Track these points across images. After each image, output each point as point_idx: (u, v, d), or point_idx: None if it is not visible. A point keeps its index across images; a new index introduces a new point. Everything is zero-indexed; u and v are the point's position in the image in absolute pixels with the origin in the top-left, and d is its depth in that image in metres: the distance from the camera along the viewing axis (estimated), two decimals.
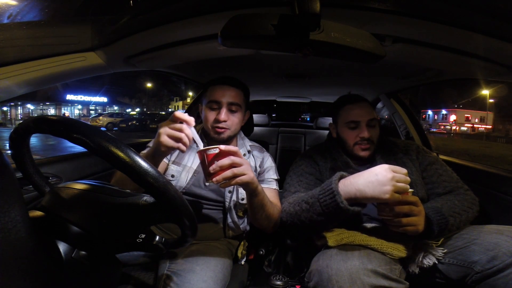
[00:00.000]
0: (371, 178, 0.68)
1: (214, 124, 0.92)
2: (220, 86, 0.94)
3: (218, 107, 0.93)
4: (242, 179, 0.69)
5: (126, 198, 0.51)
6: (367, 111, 0.99)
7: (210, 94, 0.94)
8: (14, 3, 0.73)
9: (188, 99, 40.05)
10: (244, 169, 0.69)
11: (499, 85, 27.36)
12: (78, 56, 0.83)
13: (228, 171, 0.67)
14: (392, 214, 0.72)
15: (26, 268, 0.33)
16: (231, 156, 0.68)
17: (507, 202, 1.04)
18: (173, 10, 0.74)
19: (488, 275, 0.69)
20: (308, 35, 0.57)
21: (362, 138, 0.97)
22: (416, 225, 0.72)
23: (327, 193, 0.72)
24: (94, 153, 0.41)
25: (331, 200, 0.71)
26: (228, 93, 0.92)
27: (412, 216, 0.71)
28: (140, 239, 0.52)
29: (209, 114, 0.93)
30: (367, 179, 0.68)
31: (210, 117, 0.93)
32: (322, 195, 0.74)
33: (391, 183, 0.65)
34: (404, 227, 0.72)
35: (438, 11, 0.68)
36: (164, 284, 0.74)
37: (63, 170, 1.07)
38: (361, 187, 0.68)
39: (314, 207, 0.75)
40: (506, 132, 37.37)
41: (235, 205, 0.97)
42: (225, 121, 0.91)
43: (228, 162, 0.67)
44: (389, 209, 0.72)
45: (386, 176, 0.66)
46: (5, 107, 24.57)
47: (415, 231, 0.73)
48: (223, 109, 0.91)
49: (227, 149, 0.67)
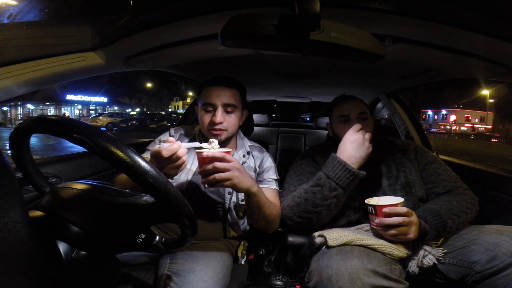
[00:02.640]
0: (350, 144, 0.85)
1: (210, 126, 0.91)
2: (214, 87, 0.92)
3: (213, 109, 0.92)
4: (225, 184, 0.72)
5: (126, 198, 0.51)
6: (357, 106, 1.02)
7: (204, 96, 0.93)
8: (14, 3, 0.73)
9: (188, 99, 40.00)
10: (228, 175, 0.71)
11: (499, 85, 27.34)
12: (78, 56, 0.83)
13: (210, 176, 0.71)
14: (379, 225, 0.75)
15: (26, 268, 0.33)
16: (215, 162, 0.70)
17: (507, 202, 1.04)
18: (173, 10, 0.74)
19: (488, 275, 0.69)
20: (308, 35, 0.57)
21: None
22: (407, 234, 0.74)
23: (335, 167, 0.84)
24: (94, 153, 0.41)
25: (342, 171, 0.82)
26: (222, 94, 0.91)
27: (402, 226, 0.73)
28: (140, 239, 0.52)
29: (205, 116, 0.92)
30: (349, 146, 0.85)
31: (206, 120, 0.92)
32: (331, 171, 0.84)
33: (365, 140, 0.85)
34: (396, 236, 0.74)
35: (438, 11, 0.67)
36: (164, 284, 0.74)
37: (63, 170, 1.07)
38: (353, 153, 0.84)
39: (327, 185, 0.83)
40: (506, 132, 37.37)
41: (235, 206, 0.97)
42: (221, 123, 0.90)
43: (211, 167, 0.70)
44: (379, 220, 0.75)
45: (359, 137, 0.85)
46: (5, 107, 24.55)
47: (407, 239, 0.75)
48: (218, 111, 0.90)
49: (211, 155, 0.70)
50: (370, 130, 1.00)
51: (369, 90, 1.91)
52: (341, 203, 0.86)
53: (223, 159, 0.71)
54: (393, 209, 0.74)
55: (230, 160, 0.72)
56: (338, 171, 0.82)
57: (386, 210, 0.74)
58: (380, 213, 0.75)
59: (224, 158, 0.71)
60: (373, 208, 0.78)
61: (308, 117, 9.15)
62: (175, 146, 0.67)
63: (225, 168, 0.71)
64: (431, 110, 45.98)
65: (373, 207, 0.77)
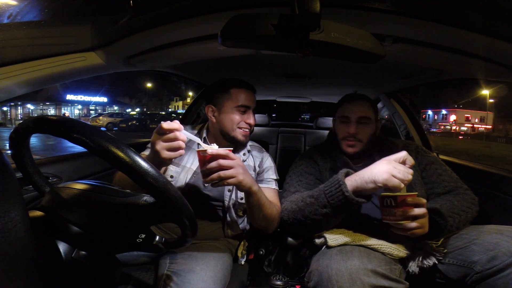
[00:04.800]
0: (373, 167, 0.73)
1: (243, 125, 0.98)
2: (246, 90, 1.00)
3: (244, 111, 0.99)
4: (229, 182, 0.72)
5: (126, 198, 0.51)
6: (361, 109, 1.00)
7: (236, 98, 0.97)
8: (14, 3, 0.73)
9: (188, 99, 40.02)
10: (232, 172, 0.71)
11: (499, 85, 27.36)
12: (78, 56, 0.83)
13: (215, 174, 0.70)
14: (401, 217, 0.70)
15: (26, 268, 0.33)
16: (220, 159, 0.70)
17: (507, 202, 1.04)
18: (173, 10, 0.74)
19: (488, 275, 0.69)
20: (308, 35, 0.57)
21: (349, 134, 0.99)
22: (424, 227, 0.72)
23: (332, 184, 0.76)
24: (94, 153, 0.41)
25: (336, 190, 0.73)
26: (252, 98, 1.02)
27: (420, 218, 0.71)
28: (140, 239, 0.52)
29: (237, 116, 0.97)
30: (369, 169, 0.74)
31: (237, 119, 0.97)
32: (327, 187, 0.77)
33: (390, 168, 0.70)
34: (413, 230, 0.71)
35: (438, 11, 0.67)
36: (164, 284, 0.74)
37: (63, 170, 1.07)
38: (364, 174, 0.73)
39: (319, 200, 0.77)
40: (506, 132, 37.35)
41: (234, 204, 0.97)
42: (251, 124, 1.00)
43: (215, 165, 0.69)
44: (401, 211, 0.70)
45: (386, 164, 0.72)
46: (5, 107, 24.54)
47: (422, 233, 0.72)
48: (250, 113, 1.00)
49: (216, 153, 0.70)
50: (367, 136, 0.99)
51: (369, 90, 1.91)
52: (332, 223, 0.83)
53: (227, 157, 0.71)
54: (416, 199, 0.70)
55: (234, 158, 0.72)
56: (334, 188, 0.75)
57: (410, 199, 0.69)
58: (403, 203, 0.69)
59: (228, 156, 0.71)
60: (393, 199, 0.71)
61: (307, 117, 9.13)
62: (176, 125, 0.68)
63: (230, 166, 0.70)
64: (431, 110, 46.01)
65: (394, 199, 0.70)
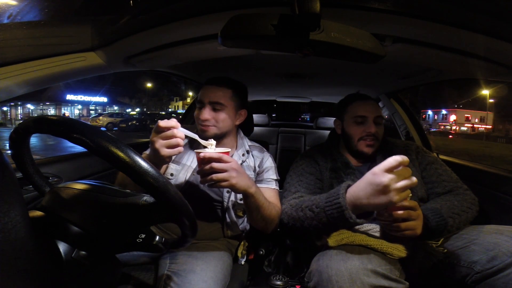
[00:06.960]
0: (369, 188, 0.65)
1: (199, 122, 0.97)
2: (206, 86, 0.98)
3: (201, 106, 0.97)
4: (222, 185, 0.72)
5: (126, 198, 0.51)
6: (375, 109, 1.01)
7: (199, 95, 1.00)
8: (14, 3, 0.73)
9: (188, 99, 40.02)
10: (225, 176, 0.71)
11: (499, 85, 27.33)
12: (78, 56, 0.83)
13: (208, 177, 0.71)
14: (390, 219, 0.72)
15: (26, 268, 0.33)
16: (213, 162, 0.70)
17: (507, 202, 1.04)
18: (173, 10, 0.74)
19: (488, 275, 0.69)
20: (308, 35, 0.57)
21: (368, 133, 0.99)
22: (414, 229, 0.73)
23: (334, 206, 0.72)
24: (94, 153, 0.41)
25: (338, 214, 0.71)
26: (211, 92, 0.96)
27: (410, 220, 0.72)
28: (140, 239, 0.52)
29: (196, 113, 0.99)
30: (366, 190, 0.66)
31: (197, 116, 0.98)
32: (328, 207, 0.73)
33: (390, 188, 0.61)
34: (402, 232, 0.72)
35: (438, 11, 0.67)
36: (164, 284, 0.74)
37: (63, 170, 1.07)
38: (364, 201, 0.67)
39: (320, 217, 0.75)
40: (506, 132, 37.34)
41: (234, 205, 0.97)
42: (207, 120, 0.94)
43: (208, 168, 0.70)
44: (387, 214, 0.72)
45: (381, 182, 0.61)
46: (5, 107, 24.54)
47: (413, 235, 0.73)
48: (205, 108, 0.96)
49: (208, 156, 0.70)
50: (381, 135, 1.01)
51: (369, 90, 1.91)
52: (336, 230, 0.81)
53: (221, 160, 0.71)
54: (403, 203, 0.70)
55: (227, 161, 0.72)
56: (335, 212, 0.71)
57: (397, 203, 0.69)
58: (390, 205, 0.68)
59: (221, 159, 0.71)
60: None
61: (308, 117, 9.13)
62: (173, 123, 0.70)
63: (222, 169, 0.71)
64: (431, 110, 45.96)
65: None
